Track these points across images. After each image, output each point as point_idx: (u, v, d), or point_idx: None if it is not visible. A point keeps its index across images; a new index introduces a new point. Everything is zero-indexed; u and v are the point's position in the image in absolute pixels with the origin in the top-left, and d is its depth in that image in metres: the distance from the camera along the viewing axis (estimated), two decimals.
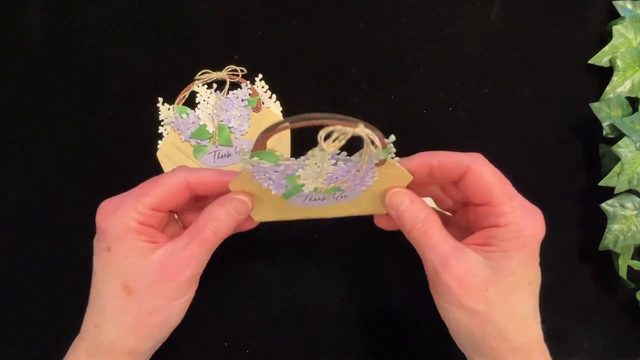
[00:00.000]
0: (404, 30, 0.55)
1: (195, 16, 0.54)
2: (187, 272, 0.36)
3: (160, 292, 0.36)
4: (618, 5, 0.54)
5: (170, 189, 0.37)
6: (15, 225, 0.52)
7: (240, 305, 0.51)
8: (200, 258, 0.37)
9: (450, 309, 0.37)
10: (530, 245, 0.36)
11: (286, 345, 0.51)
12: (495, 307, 0.35)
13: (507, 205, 0.35)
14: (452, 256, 0.35)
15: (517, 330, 0.36)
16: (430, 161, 0.37)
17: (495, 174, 0.36)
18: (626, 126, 0.48)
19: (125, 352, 0.37)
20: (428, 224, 0.36)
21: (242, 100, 0.52)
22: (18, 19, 0.54)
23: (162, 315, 0.37)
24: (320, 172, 0.35)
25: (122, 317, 0.36)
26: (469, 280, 0.35)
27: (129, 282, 0.36)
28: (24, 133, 0.53)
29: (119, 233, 0.36)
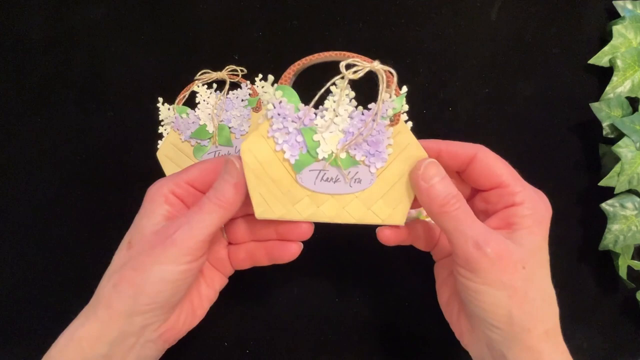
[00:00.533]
0: (404, 30, 0.55)
1: (196, 16, 0.54)
2: (176, 235, 0.36)
3: (148, 252, 0.36)
4: (618, 5, 0.54)
5: (208, 168, 0.39)
6: (15, 225, 0.52)
7: (240, 305, 0.51)
8: (194, 224, 0.36)
9: (488, 290, 0.34)
10: (546, 220, 0.36)
11: (286, 345, 0.51)
12: (533, 285, 0.35)
13: (518, 185, 0.36)
14: (489, 232, 0.35)
15: (549, 310, 0.36)
16: (439, 147, 0.38)
17: (501, 159, 0.37)
18: (626, 126, 0.48)
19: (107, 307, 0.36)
20: (461, 200, 0.36)
21: (242, 100, 0.52)
22: (18, 19, 0.54)
23: (140, 273, 0.36)
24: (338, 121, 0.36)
25: (115, 269, 0.37)
26: (509, 256, 0.34)
27: (133, 240, 0.38)
28: (24, 133, 0.53)
29: (151, 197, 0.38)
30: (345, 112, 0.37)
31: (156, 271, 0.36)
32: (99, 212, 0.52)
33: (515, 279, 0.34)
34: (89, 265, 0.51)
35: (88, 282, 0.42)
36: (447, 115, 0.54)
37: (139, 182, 0.52)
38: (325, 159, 0.37)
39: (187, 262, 0.37)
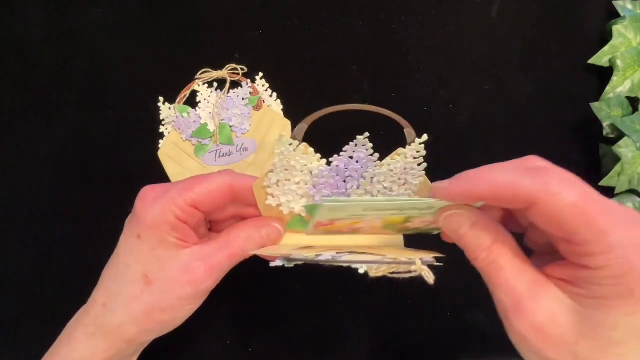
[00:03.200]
0: (404, 27, 0.55)
1: (196, 15, 0.54)
2: (207, 282, 0.37)
3: (176, 293, 0.36)
4: (618, 5, 0.54)
5: (215, 189, 0.37)
6: (15, 225, 0.52)
7: (243, 303, 0.51)
8: (221, 271, 0.37)
9: (528, 354, 0.30)
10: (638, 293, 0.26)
11: (288, 344, 0.51)
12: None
13: (602, 243, 0.26)
14: (528, 298, 0.28)
15: None
16: (479, 189, 0.29)
17: (579, 200, 0.26)
18: (626, 126, 0.49)
19: (124, 340, 0.37)
20: (496, 252, 0.29)
21: (242, 99, 0.52)
22: (18, 19, 0.54)
23: (170, 314, 0.37)
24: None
25: (134, 305, 0.36)
26: (551, 331, 0.27)
27: (150, 273, 0.36)
28: (24, 133, 0.52)
29: (154, 224, 0.36)
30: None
31: (182, 312, 0.38)
32: (100, 212, 0.52)
33: (558, 354, 0.27)
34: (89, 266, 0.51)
35: (89, 283, 0.42)
36: (447, 112, 0.54)
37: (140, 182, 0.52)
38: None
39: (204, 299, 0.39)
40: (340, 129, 0.38)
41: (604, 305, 0.26)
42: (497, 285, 0.29)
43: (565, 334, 0.27)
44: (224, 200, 0.37)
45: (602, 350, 0.27)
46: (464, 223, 0.31)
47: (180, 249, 0.36)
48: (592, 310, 0.27)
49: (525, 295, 0.28)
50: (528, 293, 0.28)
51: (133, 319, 0.36)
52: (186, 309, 0.38)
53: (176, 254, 0.36)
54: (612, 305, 0.26)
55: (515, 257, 0.29)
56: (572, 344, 0.27)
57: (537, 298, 0.28)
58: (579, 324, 0.27)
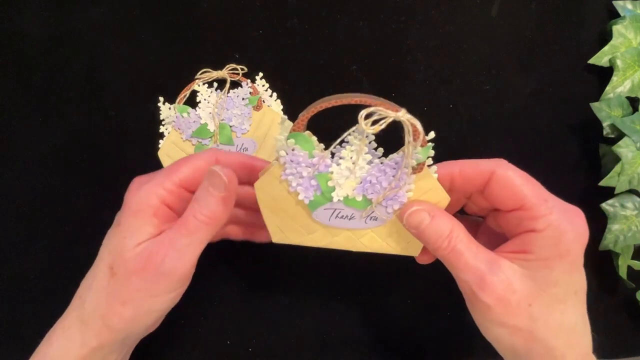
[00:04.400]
0: (404, 27, 0.55)
1: (196, 15, 0.54)
2: (165, 264, 0.34)
3: (133, 283, 0.34)
4: (618, 5, 0.54)
5: (200, 166, 0.36)
6: (15, 224, 0.52)
7: (242, 303, 0.51)
8: (180, 249, 0.34)
9: (491, 327, 0.34)
10: (573, 251, 0.32)
11: (288, 344, 0.51)
12: (541, 323, 0.32)
13: (542, 207, 0.33)
14: (487, 273, 0.32)
15: (565, 346, 0.33)
16: (451, 170, 0.35)
17: (524, 176, 0.34)
18: (626, 126, 0.49)
19: (93, 335, 0.35)
20: (455, 239, 0.33)
21: (242, 99, 0.52)
22: (18, 19, 0.54)
23: (132, 309, 0.34)
24: (354, 168, 0.34)
25: (100, 298, 0.35)
26: (510, 297, 0.32)
27: (114, 264, 0.35)
28: (24, 133, 0.52)
29: (136, 209, 0.34)
30: (363, 160, 0.34)
31: (147, 304, 0.35)
32: (100, 212, 0.52)
33: (517, 319, 0.32)
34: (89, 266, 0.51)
35: None
36: (447, 112, 0.54)
37: None
38: (340, 201, 0.35)
39: (178, 288, 0.36)
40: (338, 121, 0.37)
41: (547, 265, 0.32)
42: (460, 269, 0.33)
43: (522, 298, 0.32)
44: None
45: (549, 307, 0.32)
46: (425, 217, 0.34)
47: (152, 238, 0.34)
48: (538, 272, 0.32)
49: (486, 272, 0.32)
50: (488, 270, 0.32)
51: (98, 313, 0.35)
52: (151, 302, 0.35)
53: (142, 244, 0.34)
54: (553, 265, 0.32)
55: (470, 242, 0.34)
56: (527, 306, 0.32)
57: (496, 272, 0.32)
58: (530, 287, 0.32)
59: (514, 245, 0.34)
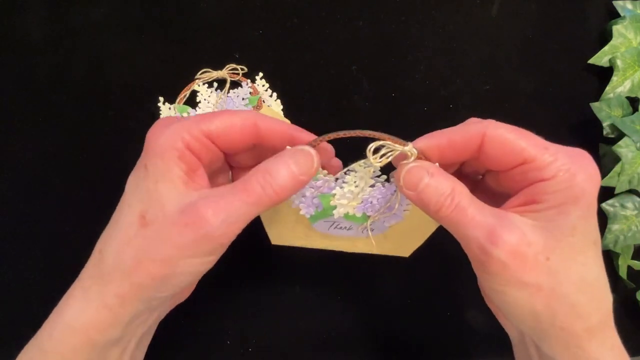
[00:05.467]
0: (404, 27, 0.55)
1: (196, 15, 0.54)
2: (213, 229, 0.29)
3: (171, 239, 0.29)
4: (618, 5, 0.54)
5: (236, 123, 0.32)
6: (15, 224, 0.52)
7: (242, 303, 0.51)
8: (238, 218, 0.30)
9: (507, 291, 0.30)
10: (587, 192, 0.29)
11: (288, 343, 0.51)
12: (562, 278, 0.29)
13: (546, 155, 0.29)
14: (500, 226, 0.29)
15: (590, 303, 0.29)
16: (439, 143, 0.32)
17: (516, 130, 0.31)
18: (626, 126, 0.49)
19: (115, 294, 0.31)
20: (458, 195, 0.30)
21: (242, 99, 0.52)
22: (18, 19, 0.54)
23: (165, 268, 0.30)
24: (358, 192, 0.33)
25: (126, 251, 0.30)
26: (525, 250, 0.28)
27: (148, 213, 0.30)
28: (24, 133, 0.52)
29: (161, 150, 0.31)
30: (366, 184, 0.34)
31: (182, 265, 0.30)
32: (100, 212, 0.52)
33: (536, 275, 0.29)
34: None
35: None
36: (447, 112, 0.54)
37: None
38: (341, 217, 0.35)
39: (216, 255, 0.32)
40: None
41: (561, 211, 0.29)
42: (467, 225, 0.30)
43: (538, 251, 0.28)
44: (244, 139, 0.33)
45: (569, 259, 0.29)
46: (424, 175, 0.30)
47: (186, 188, 0.31)
48: (552, 221, 0.29)
49: (496, 225, 0.29)
50: (497, 222, 0.29)
51: (122, 269, 0.30)
52: (186, 264, 0.30)
53: (180, 191, 0.30)
54: (568, 210, 0.28)
55: (474, 198, 0.30)
56: (545, 260, 0.28)
57: (507, 225, 0.29)
58: (545, 239, 0.29)
59: (520, 199, 0.31)
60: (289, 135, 0.33)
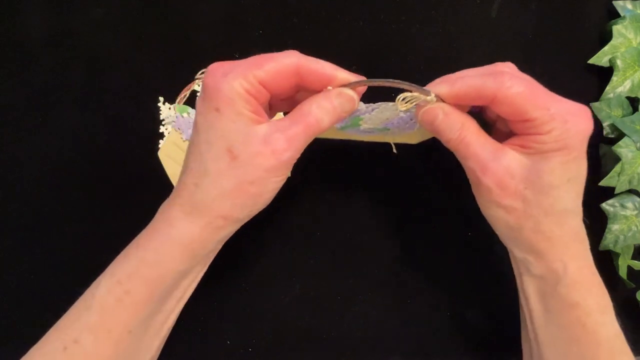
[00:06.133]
0: (404, 28, 0.55)
1: (196, 15, 0.54)
2: (288, 153, 0.37)
3: (261, 164, 0.37)
4: (618, 5, 0.54)
5: (281, 68, 0.37)
6: (15, 225, 0.52)
7: (242, 303, 0.51)
8: (300, 142, 0.37)
9: (490, 207, 0.39)
10: (572, 144, 0.36)
11: (288, 343, 0.51)
12: (533, 204, 0.37)
13: (546, 116, 0.36)
14: (491, 160, 0.37)
15: (553, 223, 0.37)
16: (458, 91, 0.38)
17: (526, 89, 0.36)
18: (626, 126, 0.49)
19: (219, 216, 0.38)
20: (465, 131, 0.38)
21: None
22: (18, 19, 0.54)
23: (259, 187, 0.38)
24: (384, 119, 0.41)
25: (223, 180, 0.37)
26: (508, 181, 0.37)
27: (233, 147, 0.36)
28: (24, 133, 0.52)
29: (229, 95, 0.36)
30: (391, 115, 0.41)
31: (270, 183, 0.38)
32: (100, 212, 0.52)
33: (512, 200, 0.37)
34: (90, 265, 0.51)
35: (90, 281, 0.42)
36: None
37: (140, 182, 0.52)
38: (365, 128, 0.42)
39: (289, 172, 0.39)
40: None
41: (546, 156, 0.36)
42: (467, 157, 0.38)
43: (518, 182, 0.37)
44: (290, 82, 0.38)
45: (542, 192, 0.37)
46: (438, 114, 0.38)
47: (256, 123, 0.37)
48: (537, 163, 0.36)
49: (490, 159, 0.37)
50: (491, 157, 0.37)
51: (225, 194, 0.37)
52: (273, 182, 0.38)
53: (254, 126, 0.37)
54: (552, 156, 0.36)
55: (479, 135, 0.38)
56: (522, 189, 0.37)
57: (498, 159, 0.37)
58: (527, 173, 0.37)
59: (520, 140, 0.38)
60: (329, 76, 0.38)
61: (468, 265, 0.52)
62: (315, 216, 0.53)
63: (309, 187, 0.49)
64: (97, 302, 0.39)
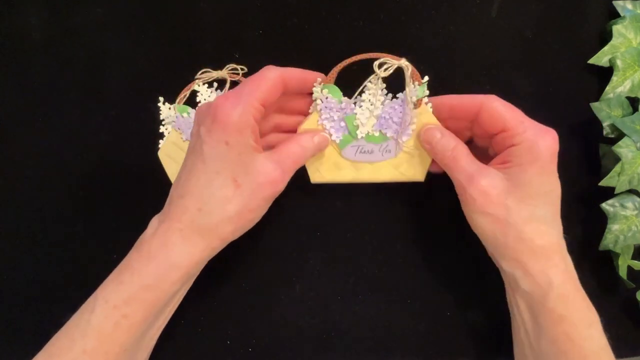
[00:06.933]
0: (404, 27, 0.55)
1: (196, 15, 0.54)
2: (282, 184, 0.42)
3: (261, 194, 0.41)
4: (618, 5, 0.54)
5: (272, 84, 0.42)
6: (15, 225, 0.52)
7: (243, 303, 0.51)
8: (291, 174, 0.43)
9: (476, 217, 0.43)
10: (543, 158, 0.41)
11: (289, 343, 0.51)
12: (514, 212, 0.41)
13: (520, 128, 0.41)
14: (476, 173, 0.42)
15: (534, 232, 0.41)
16: (450, 102, 0.46)
17: (507, 105, 0.43)
18: (626, 126, 0.49)
19: (220, 238, 0.42)
20: (457, 151, 0.43)
21: None
22: (18, 19, 0.54)
23: (256, 212, 0.43)
24: (373, 109, 0.46)
25: (228, 207, 0.41)
26: (491, 191, 0.41)
27: (238, 177, 0.40)
28: (24, 133, 0.52)
29: (239, 128, 0.40)
30: (378, 101, 0.47)
31: (264, 210, 0.43)
32: (100, 212, 0.52)
33: (495, 208, 0.41)
34: (90, 265, 0.51)
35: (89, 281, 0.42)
36: None
37: (140, 182, 0.52)
38: (363, 138, 0.47)
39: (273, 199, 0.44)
40: None
41: (522, 169, 0.41)
42: (457, 170, 0.43)
43: (500, 193, 0.41)
44: (278, 93, 0.43)
45: (522, 201, 0.41)
46: (436, 134, 0.45)
47: (256, 153, 0.41)
48: (516, 175, 0.41)
49: (476, 173, 0.42)
50: (477, 172, 0.42)
51: (228, 219, 0.41)
52: (266, 208, 0.43)
53: (255, 158, 0.41)
54: (527, 168, 0.41)
55: (468, 155, 0.44)
56: (504, 199, 0.41)
57: (482, 173, 0.42)
58: (508, 184, 0.41)
59: (499, 158, 0.43)
60: (304, 78, 0.45)
61: (468, 265, 0.52)
62: (316, 216, 0.53)
63: (310, 187, 0.49)
64: (93, 328, 0.40)
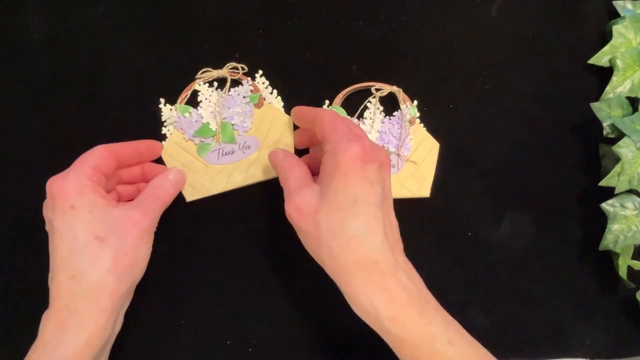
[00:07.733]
0: (404, 27, 0.55)
1: (196, 15, 0.54)
2: (146, 221, 0.43)
3: (128, 237, 0.42)
4: (618, 5, 0.54)
5: (100, 154, 0.43)
6: (15, 225, 0.52)
7: (242, 303, 0.51)
8: (154, 213, 0.44)
9: (300, 236, 0.43)
10: (344, 165, 0.39)
11: (288, 343, 0.51)
12: (323, 227, 0.40)
13: (331, 137, 0.41)
14: (295, 191, 0.42)
15: (343, 247, 0.39)
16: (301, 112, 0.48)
17: (335, 117, 0.43)
18: (626, 126, 0.49)
19: (107, 294, 0.41)
20: (290, 171, 0.44)
21: (243, 97, 0.52)
22: (18, 19, 0.54)
23: (133, 255, 0.42)
24: (372, 123, 0.52)
25: (100, 260, 0.40)
26: (304, 207, 0.41)
27: (99, 232, 0.41)
28: (24, 133, 0.52)
29: (78, 189, 0.41)
30: (378, 119, 0.53)
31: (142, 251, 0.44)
32: None
33: (307, 225, 0.41)
34: None
35: None
36: (447, 112, 0.54)
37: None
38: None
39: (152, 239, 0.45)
40: None
41: (330, 180, 0.40)
42: (284, 190, 0.43)
43: (312, 209, 0.40)
44: (111, 163, 0.44)
45: (331, 213, 0.39)
46: (280, 156, 0.46)
47: (111, 207, 0.42)
48: (325, 187, 0.40)
49: (294, 190, 0.42)
50: (296, 189, 0.42)
51: (106, 271, 0.40)
52: (143, 249, 0.43)
53: (109, 210, 0.42)
54: (333, 177, 0.40)
55: (300, 174, 0.44)
56: (315, 214, 0.40)
57: (300, 190, 0.42)
58: (319, 199, 0.40)
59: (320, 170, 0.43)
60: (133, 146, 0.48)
61: (468, 265, 0.52)
62: None
63: None
64: None
